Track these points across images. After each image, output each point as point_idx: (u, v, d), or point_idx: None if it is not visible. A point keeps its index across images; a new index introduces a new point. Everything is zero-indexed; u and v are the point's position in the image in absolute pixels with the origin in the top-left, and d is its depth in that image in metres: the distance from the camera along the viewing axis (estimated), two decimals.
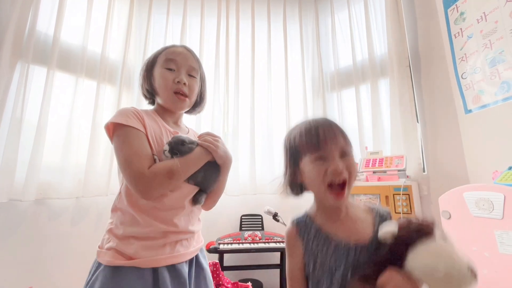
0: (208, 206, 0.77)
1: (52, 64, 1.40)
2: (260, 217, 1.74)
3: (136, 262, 0.59)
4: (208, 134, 0.72)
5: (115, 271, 0.58)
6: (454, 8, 1.43)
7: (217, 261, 1.38)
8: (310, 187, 0.56)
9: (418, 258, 0.45)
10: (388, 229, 0.49)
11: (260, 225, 1.73)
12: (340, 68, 1.91)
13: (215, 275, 1.28)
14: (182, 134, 0.70)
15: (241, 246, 1.53)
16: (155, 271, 0.61)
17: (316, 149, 0.53)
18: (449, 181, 1.36)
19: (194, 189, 0.69)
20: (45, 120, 1.36)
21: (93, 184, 1.46)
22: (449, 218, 1.04)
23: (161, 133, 0.69)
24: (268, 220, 1.68)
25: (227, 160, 0.72)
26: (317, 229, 0.56)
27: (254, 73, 1.92)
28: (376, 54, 1.73)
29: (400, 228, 0.49)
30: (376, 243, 0.51)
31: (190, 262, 0.69)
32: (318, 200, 0.58)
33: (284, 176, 0.60)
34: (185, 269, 0.65)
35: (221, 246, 1.49)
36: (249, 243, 1.56)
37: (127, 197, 0.64)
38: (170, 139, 0.67)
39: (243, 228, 1.71)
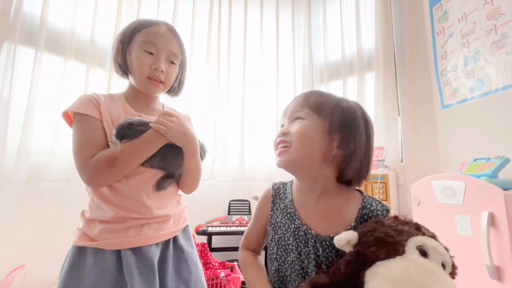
0: (186, 190, 0.73)
1: (40, 45, 1.38)
2: (248, 202, 1.82)
3: (98, 243, 0.59)
4: (164, 113, 0.66)
5: (80, 250, 0.60)
6: (438, 7, 1.49)
7: (205, 242, 1.46)
8: None
9: (373, 279, 0.34)
10: (344, 236, 0.39)
11: (248, 210, 1.81)
12: (329, 60, 1.95)
13: (203, 255, 1.36)
14: (136, 117, 0.65)
15: (228, 229, 1.60)
16: (118, 253, 0.60)
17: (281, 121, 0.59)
18: (423, 171, 1.46)
19: (156, 174, 0.65)
20: (34, 102, 1.36)
21: None
22: (419, 204, 1.14)
23: (120, 118, 0.64)
24: (255, 205, 1.76)
25: (187, 141, 0.65)
26: (289, 202, 0.54)
27: (246, 61, 1.94)
28: (364, 49, 1.78)
29: (361, 236, 0.38)
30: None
31: (166, 244, 0.66)
32: None
33: None
34: (153, 251, 0.62)
35: (209, 229, 1.57)
36: (237, 226, 1.64)
37: None
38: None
39: (231, 213, 1.78)
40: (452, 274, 0.38)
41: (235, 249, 1.72)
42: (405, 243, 0.35)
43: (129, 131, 0.60)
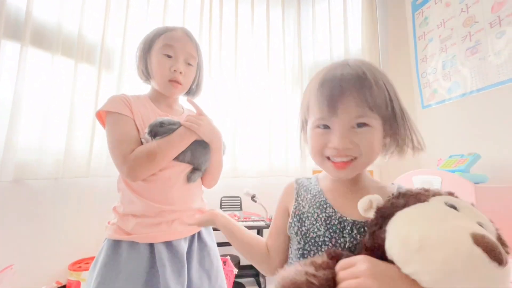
0: (208, 184, 0.80)
1: (25, 40, 1.33)
2: (239, 198, 1.86)
3: (133, 237, 0.64)
4: (198, 112, 0.74)
5: (115, 244, 0.65)
6: (420, 13, 1.58)
7: None
8: (311, 155, 0.47)
9: (391, 227, 0.32)
10: (367, 197, 0.37)
11: (239, 206, 1.85)
12: (318, 60, 2.01)
13: None
14: (164, 117, 0.71)
15: None
16: (151, 246, 0.65)
17: (319, 113, 0.42)
18: (404, 167, 1.56)
19: (186, 167, 0.72)
20: (20, 99, 1.32)
21: (73, 165, 1.46)
22: None
23: (149, 117, 0.70)
24: (246, 201, 1.80)
25: (214, 138, 0.72)
26: (318, 191, 0.48)
27: (237, 59, 1.96)
28: (350, 50, 1.85)
29: (386, 199, 0.36)
30: None
31: (192, 238, 0.71)
32: None
33: (300, 134, 0.52)
34: (182, 245, 0.67)
35: None
36: None
37: (123, 179, 0.69)
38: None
39: (223, 209, 1.82)
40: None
41: (227, 244, 1.76)
42: (429, 197, 0.32)
43: (161, 129, 0.66)
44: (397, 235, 0.30)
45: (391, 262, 0.31)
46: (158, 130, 0.65)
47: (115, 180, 1.65)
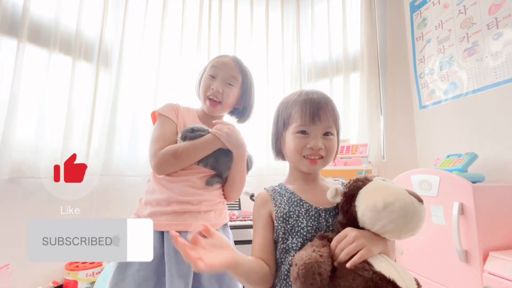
0: (227, 194, 0.80)
1: (22, 36, 1.32)
2: (238, 198, 1.85)
3: None
4: (222, 122, 0.79)
5: None
6: (418, 14, 1.59)
7: None
8: (287, 156, 0.61)
9: (359, 202, 0.46)
10: (332, 187, 0.51)
11: (238, 205, 1.85)
12: (317, 60, 2.02)
13: None
14: (197, 124, 0.78)
15: None
16: (162, 234, 0.69)
17: (301, 123, 0.56)
18: (402, 167, 1.58)
19: (208, 172, 0.76)
20: (16, 97, 1.30)
21: None
22: None
23: (190, 124, 0.78)
24: (245, 201, 1.80)
25: (239, 148, 0.76)
26: (291, 193, 0.58)
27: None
28: (349, 50, 1.86)
29: (344, 188, 0.51)
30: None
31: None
32: (292, 167, 0.63)
33: (272, 139, 0.65)
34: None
35: None
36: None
37: (153, 172, 0.77)
38: None
39: None
40: None
41: (240, 242, 1.75)
42: (373, 178, 0.51)
43: (190, 134, 0.74)
44: (366, 204, 0.45)
45: (362, 229, 0.47)
46: (188, 135, 0.74)
47: (111, 179, 1.64)
